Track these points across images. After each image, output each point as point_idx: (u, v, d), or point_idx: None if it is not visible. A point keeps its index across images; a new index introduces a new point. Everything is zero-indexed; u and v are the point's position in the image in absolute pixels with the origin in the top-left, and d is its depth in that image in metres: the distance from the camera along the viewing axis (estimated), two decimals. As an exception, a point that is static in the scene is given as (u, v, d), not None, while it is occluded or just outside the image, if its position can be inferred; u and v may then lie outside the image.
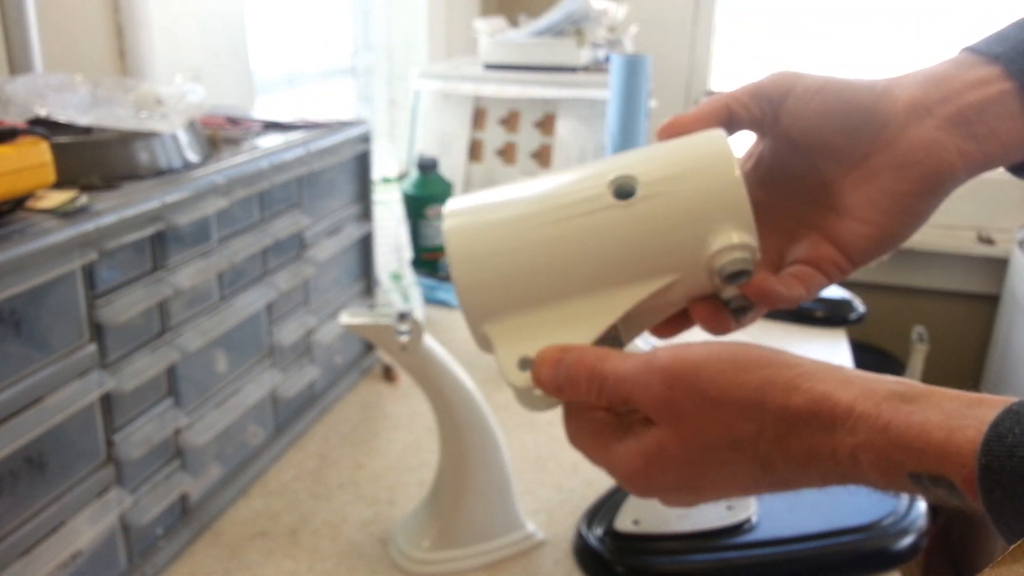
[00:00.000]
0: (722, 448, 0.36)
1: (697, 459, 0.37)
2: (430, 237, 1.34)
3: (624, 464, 0.39)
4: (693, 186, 0.40)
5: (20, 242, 0.50)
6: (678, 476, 0.38)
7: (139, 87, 0.72)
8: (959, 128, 0.42)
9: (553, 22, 1.48)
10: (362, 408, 0.94)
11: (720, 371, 0.37)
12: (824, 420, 0.34)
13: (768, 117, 0.45)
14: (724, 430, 0.36)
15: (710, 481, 0.38)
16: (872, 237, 0.44)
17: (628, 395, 0.38)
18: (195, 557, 0.69)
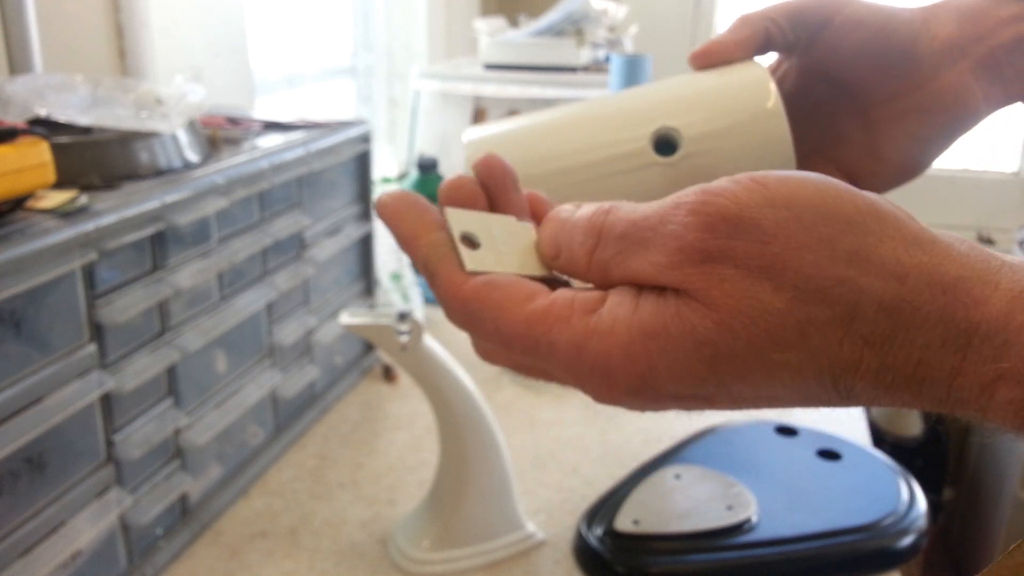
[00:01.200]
0: (781, 345, 0.24)
1: (738, 355, 0.24)
2: (430, 237, 1.33)
3: (604, 339, 0.26)
4: (740, 143, 0.38)
5: (20, 242, 0.50)
6: (698, 374, 0.25)
7: (139, 87, 0.72)
8: (988, 71, 0.42)
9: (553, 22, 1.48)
10: (362, 408, 0.94)
11: (795, 218, 0.24)
12: (957, 327, 0.23)
13: (803, 42, 0.44)
14: (791, 317, 0.24)
15: (743, 390, 0.25)
16: (886, 175, 0.44)
17: (642, 246, 0.26)
18: (195, 557, 0.69)
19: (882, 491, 0.72)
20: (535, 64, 1.47)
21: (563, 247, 0.29)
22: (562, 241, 0.29)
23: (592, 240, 0.28)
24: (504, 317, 0.27)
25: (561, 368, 0.27)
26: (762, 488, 0.72)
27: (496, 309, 0.27)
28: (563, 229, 0.29)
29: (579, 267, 0.28)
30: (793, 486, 0.73)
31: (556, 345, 0.26)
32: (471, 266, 0.28)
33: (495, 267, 0.28)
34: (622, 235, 0.27)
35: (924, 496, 0.72)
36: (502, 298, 0.27)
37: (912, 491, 0.72)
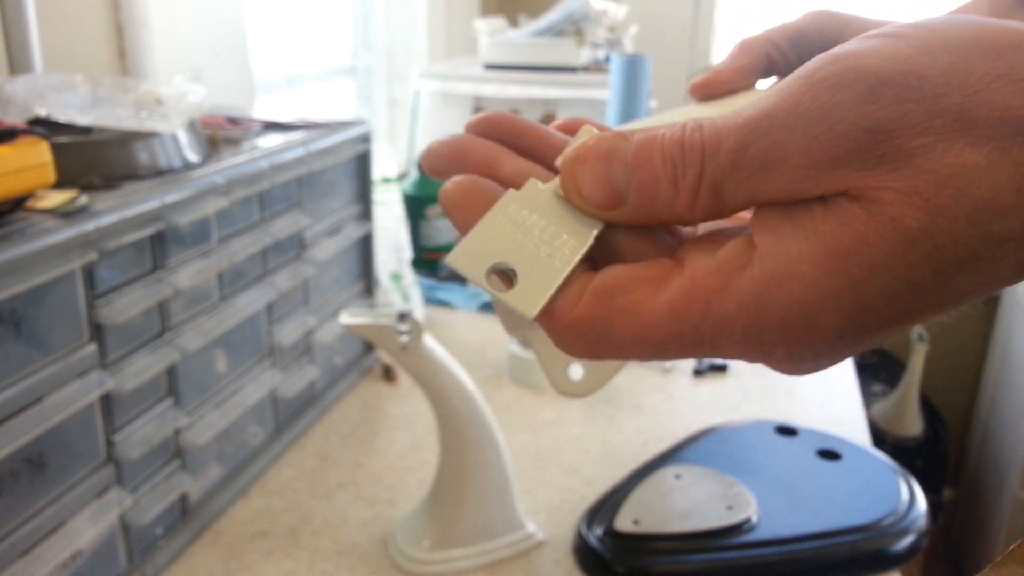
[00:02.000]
0: (1000, 211, 0.19)
1: (959, 238, 0.19)
2: (430, 237, 1.34)
3: (786, 285, 0.21)
4: None
5: (20, 242, 0.50)
6: (917, 280, 0.20)
7: (139, 87, 0.72)
8: None
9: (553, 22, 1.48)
10: (362, 408, 0.94)
11: (960, 60, 0.20)
12: None
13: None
14: (1000, 172, 0.19)
15: (964, 283, 0.20)
16: None
17: (777, 153, 0.21)
18: (195, 557, 0.69)
19: (882, 491, 0.72)
20: (535, 64, 1.47)
21: (632, 187, 0.23)
22: (626, 181, 0.23)
23: (695, 166, 0.22)
24: (643, 321, 0.22)
25: (738, 345, 0.22)
26: (762, 488, 0.72)
27: (628, 316, 0.22)
28: (622, 164, 0.23)
29: (678, 206, 0.22)
30: (793, 486, 0.73)
31: (725, 321, 0.21)
32: (526, 310, 0.23)
33: (550, 280, 0.23)
34: (739, 147, 0.21)
35: (924, 496, 0.72)
36: (628, 303, 0.23)
37: (912, 491, 0.72)
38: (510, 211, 0.25)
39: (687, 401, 0.96)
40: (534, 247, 0.24)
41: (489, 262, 0.24)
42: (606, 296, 0.23)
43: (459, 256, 0.24)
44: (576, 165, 0.24)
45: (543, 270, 0.24)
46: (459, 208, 0.25)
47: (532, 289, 0.23)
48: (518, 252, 0.24)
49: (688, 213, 0.23)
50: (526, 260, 0.24)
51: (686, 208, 0.23)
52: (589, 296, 0.23)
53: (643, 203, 0.23)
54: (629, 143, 0.23)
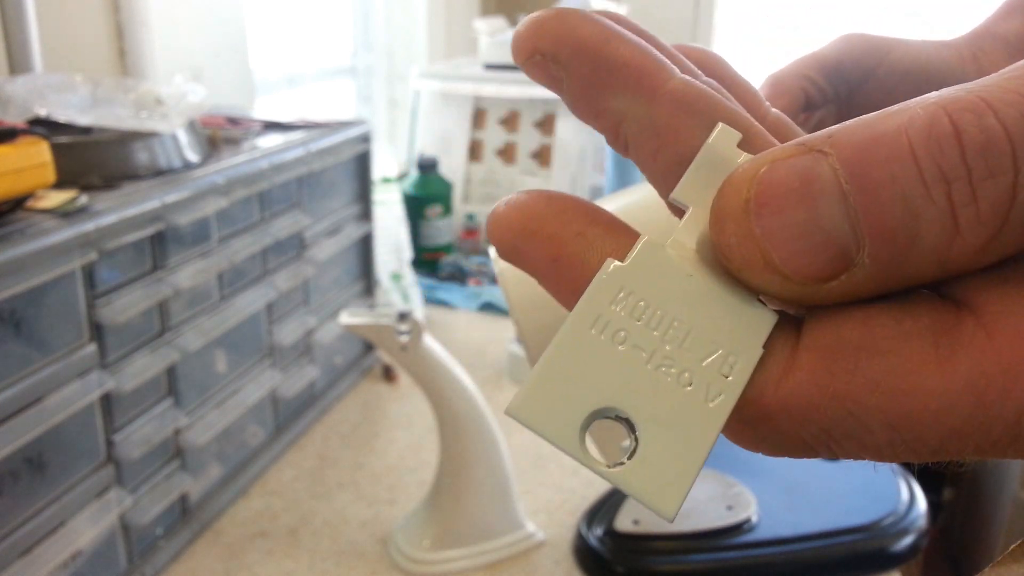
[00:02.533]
0: None
1: None
2: (430, 237, 1.34)
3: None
4: None
5: (20, 242, 0.50)
6: None
7: (139, 87, 0.72)
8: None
9: (553, 22, 1.48)
10: (362, 408, 0.94)
11: None
12: None
13: (842, 97, 0.40)
14: None
15: None
16: None
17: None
18: (195, 557, 0.69)
19: (882, 491, 0.72)
20: (535, 64, 1.47)
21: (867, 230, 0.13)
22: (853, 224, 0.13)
23: (1002, 157, 0.12)
24: (918, 408, 0.13)
25: None
26: (762, 488, 0.72)
27: (892, 399, 0.13)
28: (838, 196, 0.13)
29: (962, 245, 0.13)
30: (793, 486, 0.73)
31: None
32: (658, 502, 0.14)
33: (697, 434, 0.14)
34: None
35: (924, 496, 0.72)
36: (890, 369, 0.13)
37: (912, 491, 0.72)
38: (614, 303, 0.14)
39: (687, 401, 0.96)
40: (663, 373, 0.14)
41: (585, 409, 0.14)
42: (845, 359, 0.14)
43: (530, 404, 0.14)
44: (751, 217, 0.14)
45: (682, 416, 0.14)
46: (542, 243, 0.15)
47: (664, 459, 0.14)
48: (636, 384, 0.14)
49: (974, 257, 0.13)
50: (650, 398, 0.14)
51: (974, 251, 0.13)
52: (809, 356, 0.14)
53: (891, 256, 0.13)
54: (832, 156, 0.13)
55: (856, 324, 0.14)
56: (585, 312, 0.14)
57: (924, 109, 0.13)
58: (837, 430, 0.14)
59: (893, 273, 0.13)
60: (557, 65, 0.16)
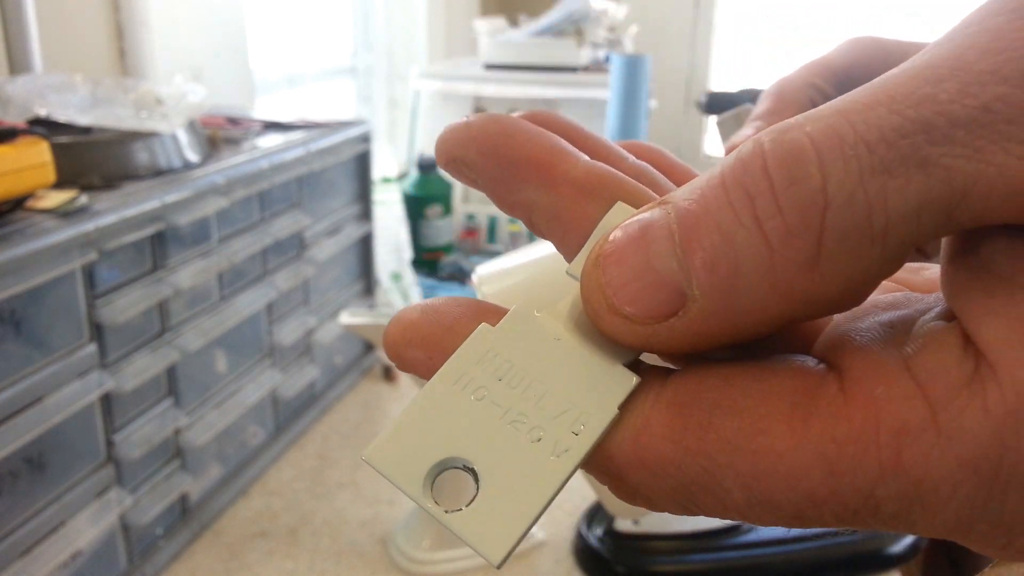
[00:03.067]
0: None
1: None
2: (430, 237, 1.34)
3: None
4: None
5: (20, 242, 0.50)
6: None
7: (139, 87, 0.72)
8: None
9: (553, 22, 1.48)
10: (362, 408, 0.94)
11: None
12: None
13: None
14: None
15: None
16: None
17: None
18: (195, 557, 0.69)
19: (882, 491, 0.72)
20: (535, 64, 1.47)
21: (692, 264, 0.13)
22: (681, 260, 0.13)
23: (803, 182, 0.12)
24: (767, 470, 0.13)
25: (949, 525, 0.13)
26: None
27: (744, 459, 0.13)
28: (666, 238, 0.14)
29: (781, 271, 0.13)
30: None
31: (932, 485, 0.12)
32: (487, 549, 0.14)
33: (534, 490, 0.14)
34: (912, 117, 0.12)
35: (924, 496, 0.72)
36: (744, 434, 0.13)
37: (912, 491, 0.72)
38: (480, 363, 0.15)
39: (687, 401, 0.96)
40: (514, 428, 0.14)
41: (433, 458, 0.15)
42: (699, 417, 0.14)
43: (383, 450, 0.15)
44: (599, 268, 0.14)
45: (525, 469, 0.14)
46: (418, 346, 0.16)
47: (500, 506, 0.14)
48: (486, 437, 0.14)
49: (809, 281, 0.13)
50: (497, 451, 0.14)
51: (801, 267, 0.12)
52: (666, 412, 0.14)
53: (717, 286, 0.13)
54: (672, 204, 0.14)
55: (715, 381, 0.14)
56: (451, 369, 0.15)
57: (751, 139, 0.13)
58: (695, 485, 0.13)
59: (732, 303, 0.13)
60: (468, 168, 0.16)
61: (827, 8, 2.13)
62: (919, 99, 0.12)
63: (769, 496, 0.13)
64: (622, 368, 0.15)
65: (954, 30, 0.13)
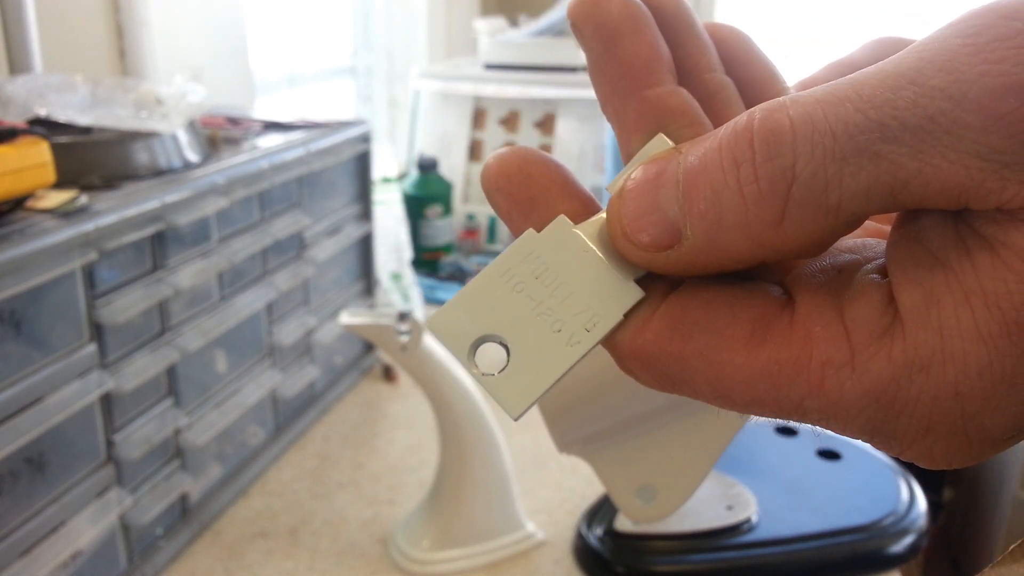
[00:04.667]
0: None
1: None
2: (430, 237, 1.34)
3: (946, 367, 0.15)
4: None
5: (20, 242, 0.50)
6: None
7: (139, 87, 0.72)
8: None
9: (553, 22, 1.48)
10: (362, 408, 0.94)
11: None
12: None
13: None
14: None
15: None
16: None
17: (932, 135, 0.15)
18: (195, 557, 0.69)
19: (882, 491, 0.72)
20: (535, 64, 1.47)
21: (687, 210, 0.17)
22: (680, 204, 0.17)
23: (778, 158, 0.15)
24: (727, 376, 0.17)
25: (855, 432, 0.17)
26: (762, 488, 0.72)
27: (709, 365, 0.17)
28: (672, 184, 0.17)
29: (754, 223, 0.16)
30: (793, 486, 0.73)
31: (842, 405, 0.16)
32: (507, 405, 0.18)
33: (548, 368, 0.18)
34: (865, 118, 0.15)
35: (924, 496, 0.72)
36: (710, 346, 0.17)
37: (912, 491, 0.72)
38: (521, 262, 0.19)
39: (687, 401, 0.96)
40: (541, 318, 0.18)
41: (478, 332, 0.18)
42: (682, 330, 0.18)
43: (443, 320, 0.19)
44: (621, 200, 0.18)
45: (545, 350, 0.18)
46: (502, 198, 0.19)
47: (523, 376, 0.18)
48: (518, 322, 0.18)
49: (775, 234, 0.16)
50: (526, 334, 0.18)
51: (769, 225, 0.16)
52: (659, 322, 0.18)
53: (705, 230, 0.16)
54: (683, 156, 0.17)
55: (699, 304, 0.18)
56: (500, 264, 0.19)
57: (748, 111, 0.16)
58: (675, 376, 0.18)
59: (715, 245, 0.17)
60: (582, 36, 0.20)
61: (827, 8, 2.13)
62: (880, 102, 0.15)
63: (727, 393, 0.17)
64: (632, 283, 0.18)
65: (924, 42, 0.15)
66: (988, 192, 0.14)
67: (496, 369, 0.18)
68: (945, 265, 0.15)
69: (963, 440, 0.16)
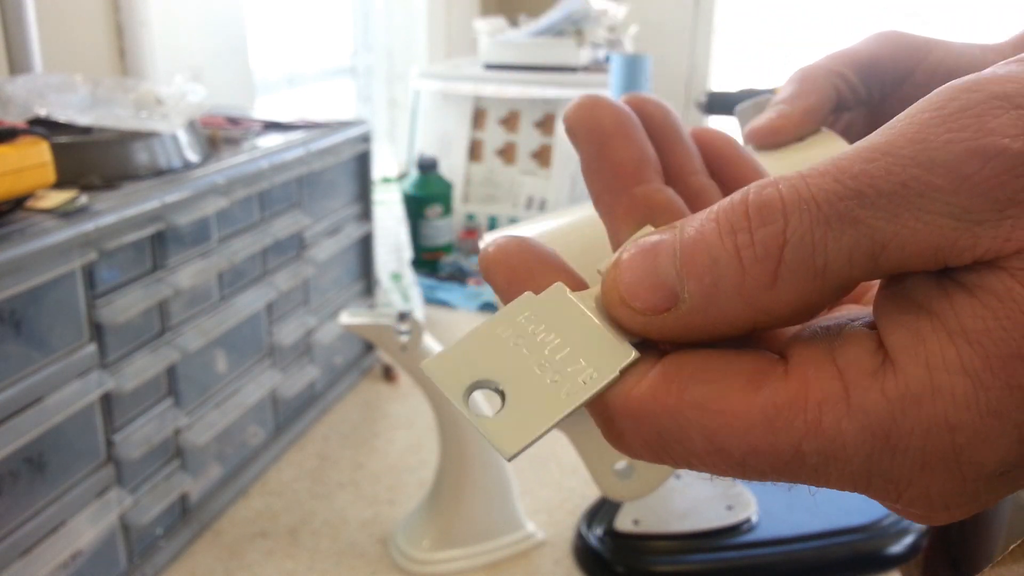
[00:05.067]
0: None
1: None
2: (430, 237, 1.34)
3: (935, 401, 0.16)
4: None
5: (20, 242, 0.50)
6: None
7: (139, 87, 0.72)
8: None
9: (553, 22, 1.48)
10: (362, 408, 0.94)
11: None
12: None
13: (875, 99, 0.38)
14: None
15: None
16: None
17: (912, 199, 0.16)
18: (195, 557, 0.69)
19: (882, 491, 0.72)
20: (535, 64, 1.47)
21: (685, 276, 0.18)
22: (677, 271, 0.18)
23: (771, 224, 0.17)
24: (724, 424, 0.17)
25: (853, 478, 0.17)
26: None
27: (706, 414, 0.17)
28: (671, 254, 0.18)
29: (749, 287, 0.17)
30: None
31: (840, 444, 0.16)
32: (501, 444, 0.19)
33: (545, 414, 0.19)
34: (847, 190, 0.16)
35: (924, 496, 0.72)
36: (708, 395, 0.18)
37: (912, 491, 0.72)
38: (520, 319, 0.20)
39: (687, 401, 0.96)
40: (539, 370, 0.19)
41: (474, 377, 0.19)
42: (679, 381, 0.18)
43: (439, 363, 0.19)
44: (618, 271, 0.19)
45: (541, 399, 0.19)
46: (502, 272, 0.21)
47: (518, 420, 0.19)
48: (516, 372, 0.19)
49: (769, 297, 0.17)
50: (522, 383, 0.19)
51: (763, 288, 0.17)
52: (656, 377, 0.18)
53: (703, 293, 0.18)
54: (679, 229, 0.18)
55: (695, 360, 0.18)
56: (498, 319, 0.20)
57: (742, 189, 0.18)
58: (668, 434, 0.18)
59: (711, 307, 0.18)
60: (574, 141, 0.22)
61: (827, 8, 2.13)
62: (856, 172, 0.16)
63: (724, 445, 0.17)
64: (628, 345, 0.19)
65: (896, 119, 0.17)
66: (962, 249, 0.16)
67: (492, 413, 0.19)
68: (929, 310, 0.16)
69: (958, 476, 0.16)
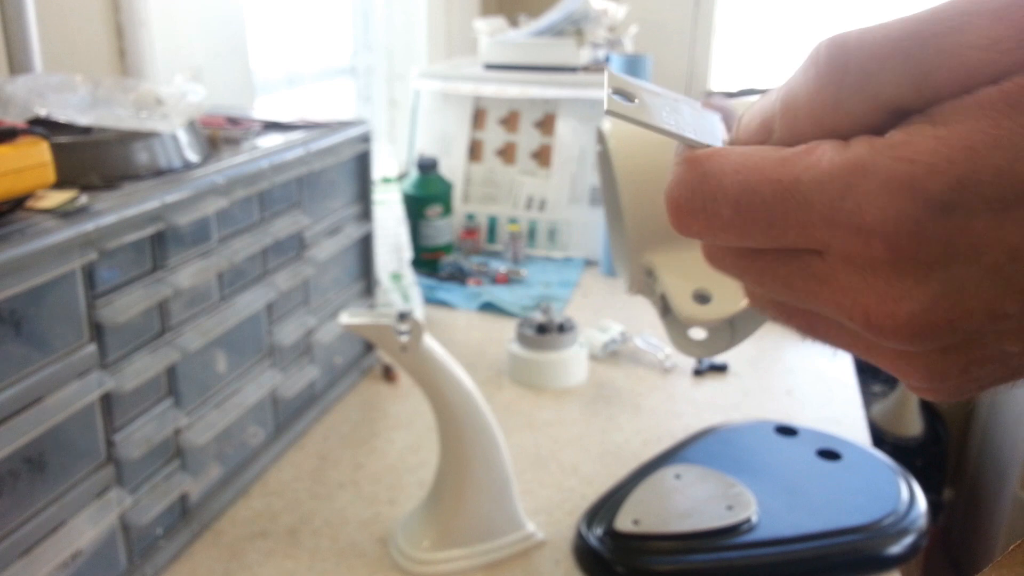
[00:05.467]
0: None
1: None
2: (430, 237, 1.34)
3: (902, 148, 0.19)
4: None
5: (20, 242, 0.50)
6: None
7: (139, 87, 0.72)
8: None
9: (553, 22, 1.48)
10: (362, 408, 0.94)
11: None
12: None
13: None
14: None
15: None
16: None
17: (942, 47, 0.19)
18: (195, 557, 0.69)
19: (882, 491, 0.72)
20: (535, 64, 1.47)
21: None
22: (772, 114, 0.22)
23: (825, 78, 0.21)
24: (752, 167, 0.21)
25: (826, 205, 0.19)
26: (762, 488, 0.72)
27: (726, 159, 0.22)
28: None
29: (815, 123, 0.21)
30: (793, 486, 0.73)
31: (829, 172, 0.19)
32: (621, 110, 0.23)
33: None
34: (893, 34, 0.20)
35: (924, 496, 0.72)
36: (725, 154, 0.22)
37: (912, 491, 0.72)
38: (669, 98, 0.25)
39: (687, 401, 0.96)
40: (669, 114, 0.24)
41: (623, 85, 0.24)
42: (699, 159, 0.22)
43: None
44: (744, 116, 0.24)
45: (661, 116, 0.23)
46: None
47: (643, 114, 0.23)
48: (656, 100, 0.24)
49: (832, 117, 0.20)
50: (657, 104, 0.24)
51: (829, 109, 0.20)
52: (681, 162, 0.23)
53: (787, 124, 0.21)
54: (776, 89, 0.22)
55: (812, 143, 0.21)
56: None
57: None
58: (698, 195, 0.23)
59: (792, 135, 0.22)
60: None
61: (827, 9, 2.13)
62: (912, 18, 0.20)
63: (749, 181, 0.21)
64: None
65: None
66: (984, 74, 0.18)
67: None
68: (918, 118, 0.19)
69: (921, 192, 0.18)
